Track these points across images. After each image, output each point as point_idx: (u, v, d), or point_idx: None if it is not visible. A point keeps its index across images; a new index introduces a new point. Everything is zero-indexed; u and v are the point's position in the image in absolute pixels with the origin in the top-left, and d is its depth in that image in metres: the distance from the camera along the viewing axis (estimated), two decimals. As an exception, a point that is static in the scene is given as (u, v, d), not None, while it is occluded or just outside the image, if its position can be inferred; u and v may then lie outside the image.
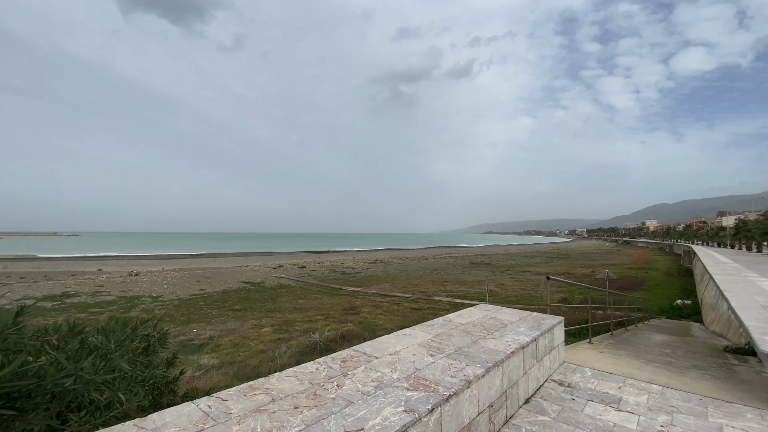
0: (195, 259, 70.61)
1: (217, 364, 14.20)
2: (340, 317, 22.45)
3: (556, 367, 4.21)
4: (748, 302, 5.97)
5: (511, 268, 55.87)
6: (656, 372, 4.51)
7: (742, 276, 11.16)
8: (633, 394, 3.60)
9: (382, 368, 2.70)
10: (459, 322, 4.16)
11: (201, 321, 21.41)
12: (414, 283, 38.49)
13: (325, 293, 31.42)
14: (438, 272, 48.87)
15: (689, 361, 5.78)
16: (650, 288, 31.18)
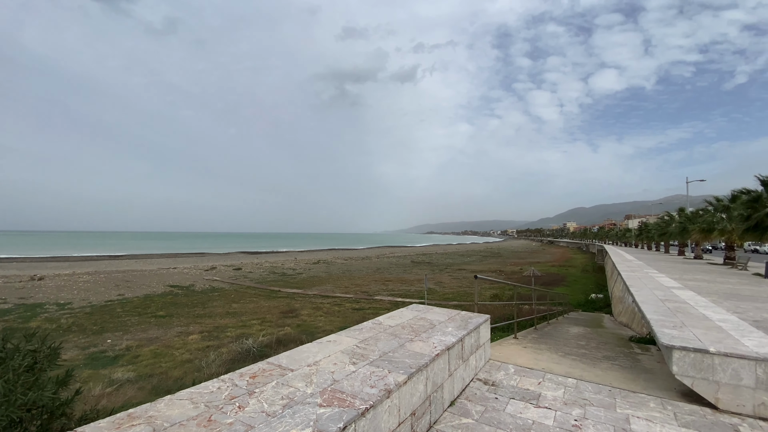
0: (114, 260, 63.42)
1: (134, 377, 12.74)
2: (278, 321, 21.50)
3: (482, 366, 4.25)
4: (649, 296, 6.67)
5: (449, 266, 58.08)
6: (572, 365, 4.77)
7: (644, 272, 12.63)
8: (551, 389, 3.73)
9: (296, 382, 2.43)
10: (388, 324, 4.02)
11: (117, 330, 19.15)
12: (357, 283, 38.30)
13: (262, 296, 29.95)
14: (381, 272, 49.21)
15: (600, 352, 6.28)
16: (570, 283, 34.35)
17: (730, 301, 9.34)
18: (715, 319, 4.71)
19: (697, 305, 5.86)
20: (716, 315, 4.93)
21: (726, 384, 3.25)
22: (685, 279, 14.22)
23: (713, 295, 10.18)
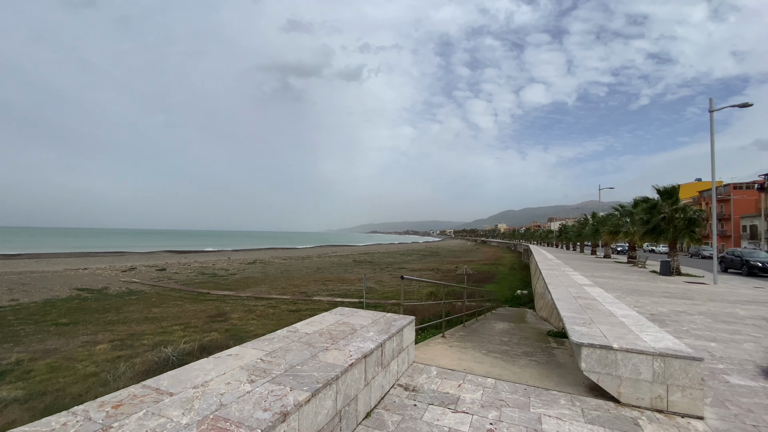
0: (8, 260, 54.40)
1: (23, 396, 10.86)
2: (204, 326, 19.88)
3: (404, 370, 4.11)
4: (564, 294, 7.13)
5: (390, 265, 58.78)
6: (493, 363, 4.84)
7: (561, 270, 13.72)
8: (470, 391, 3.68)
9: (171, 411, 2.01)
10: (305, 331, 3.69)
11: (7, 341, 16.32)
12: (295, 283, 37.03)
13: (188, 299, 27.62)
14: (321, 271, 48.23)
15: (521, 347, 6.54)
16: (499, 281, 36.54)
17: (632, 296, 10.46)
18: (618, 315, 5.07)
19: (604, 301, 6.33)
20: (619, 311, 5.33)
21: (627, 378, 3.44)
22: (595, 276, 15.74)
23: (618, 291, 11.34)
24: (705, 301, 10.03)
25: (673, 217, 18.27)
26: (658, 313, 8.07)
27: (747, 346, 5.57)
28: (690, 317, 7.72)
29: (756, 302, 10.22)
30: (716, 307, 9.17)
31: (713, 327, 6.86)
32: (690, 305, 9.28)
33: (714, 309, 8.84)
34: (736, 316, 8.04)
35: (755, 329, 6.86)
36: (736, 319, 7.73)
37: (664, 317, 7.61)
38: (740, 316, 8.14)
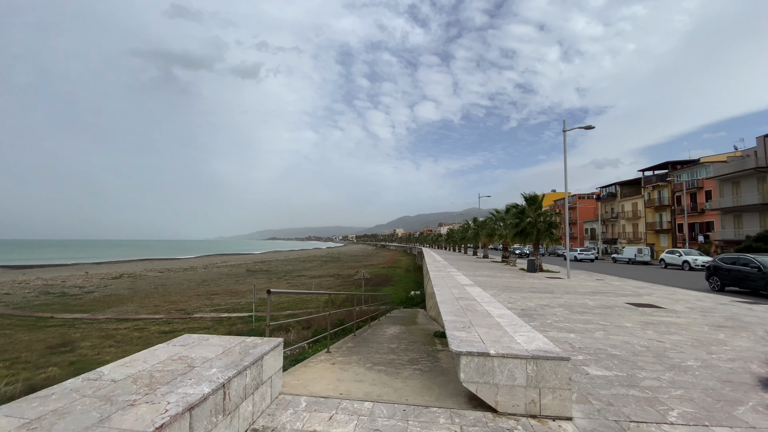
0: None
1: None
2: (40, 360, 15.59)
3: (264, 408, 3.32)
4: (447, 295, 7.21)
5: (289, 273, 56.01)
6: (375, 380, 4.38)
7: (447, 272, 14.45)
8: (342, 423, 3.10)
9: None
10: (112, 377, 2.63)
11: None
12: (172, 299, 32.19)
13: (22, 327, 21.66)
14: (207, 284, 43.16)
15: (408, 354, 6.30)
16: (395, 283, 37.72)
17: (506, 293, 11.40)
18: (495, 315, 5.13)
19: (483, 301, 6.50)
20: (496, 311, 5.42)
21: (504, 386, 3.28)
22: (476, 275, 17.06)
23: (494, 288, 12.32)
24: (562, 294, 11.48)
25: (536, 221, 21.09)
26: (528, 308, 8.80)
27: (598, 335, 6.25)
28: (552, 310, 8.57)
29: (599, 293, 12.12)
30: (571, 299, 10.52)
31: (571, 318, 7.67)
32: (551, 299, 10.46)
33: (570, 301, 10.10)
34: (587, 306, 9.26)
35: (601, 317, 7.89)
36: (586, 309, 8.87)
37: (532, 312, 8.29)
38: (589, 306, 9.40)
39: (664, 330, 6.72)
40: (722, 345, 5.73)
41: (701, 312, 8.76)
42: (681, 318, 7.97)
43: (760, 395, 3.71)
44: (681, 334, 6.45)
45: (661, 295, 11.73)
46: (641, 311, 8.73)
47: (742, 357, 5.08)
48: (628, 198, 52.75)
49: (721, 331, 6.72)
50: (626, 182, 54.90)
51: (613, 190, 56.94)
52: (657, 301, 10.51)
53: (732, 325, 7.27)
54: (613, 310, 8.84)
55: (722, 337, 6.28)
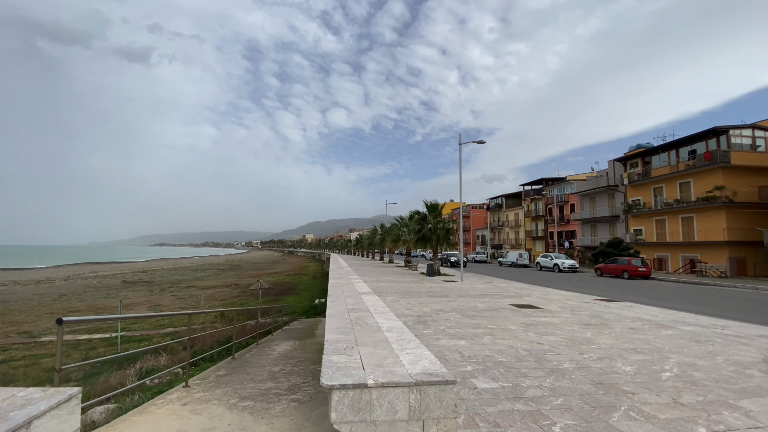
0: None
1: None
2: None
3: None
4: (340, 307, 6.56)
5: (175, 284, 49.46)
6: (232, 426, 3.44)
7: (348, 279, 13.89)
8: None
9: None
10: None
11: None
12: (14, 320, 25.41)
13: None
14: (67, 299, 35.39)
15: (290, 379, 5.44)
16: (300, 291, 35.94)
17: (405, 298, 11.27)
18: (385, 328, 4.62)
19: (376, 311, 6.01)
20: (387, 322, 4.94)
21: (383, 422, 2.71)
22: (378, 281, 16.89)
23: (394, 294, 12.15)
24: (456, 297, 11.81)
25: (436, 228, 22.01)
26: (423, 314, 8.67)
27: (486, 340, 6.23)
28: (446, 315, 8.57)
29: (488, 295, 12.82)
30: (463, 302, 10.82)
31: (462, 323, 7.68)
32: (446, 302, 10.62)
33: (462, 305, 10.34)
34: (477, 309, 9.54)
35: (489, 320, 8.09)
36: (476, 312, 9.11)
37: (427, 318, 8.14)
38: (479, 309, 9.71)
39: (543, 331, 7.09)
40: (590, 344, 6.17)
41: (571, 311, 9.71)
42: (555, 317, 8.65)
43: (630, 398, 3.83)
44: (557, 334, 6.86)
45: (538, 296, 12.92)
46: (523, 312, 9.30)
47: (608, 355, 5.46)
48: (511, 209, 59.68)
49: (588, 329, 7.37)
50: (510, 195, 62.13)
51: (500, 202, 63.95)
52: (535, 301, 11.47)
53: (596, 323, 8.10)
54: (499, 312, 9.25)
55: (589, 335, 6.84)
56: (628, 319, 8.66)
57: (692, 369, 4.86)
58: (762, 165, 26.82)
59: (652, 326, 7.82)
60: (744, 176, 26.84)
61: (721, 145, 27.55)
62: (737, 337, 6.83)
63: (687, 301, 13.55)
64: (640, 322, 8.22)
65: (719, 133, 27.64)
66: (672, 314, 9.53)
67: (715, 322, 8.47)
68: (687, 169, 29.25)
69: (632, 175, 35.11)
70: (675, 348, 6.00)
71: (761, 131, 28.13)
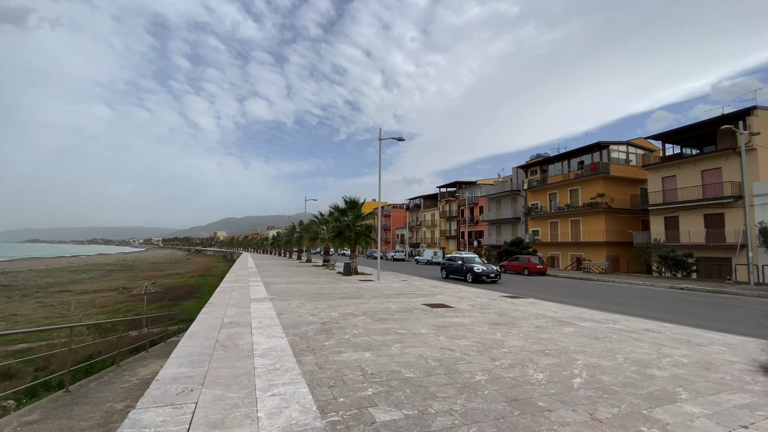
0: None
1: None
2: None
3: None
4: (212, 321, 5.24)
5: (44, 288, 41.06)
6: None
7: (247, 281, 12.22)
8: None
9: None
10: None
11: None
12: None
13: None
14: None
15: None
16: (203, 295, 32.16)
17: (314, 302, 10.11)
18: (260, 351, 3.51)
19: (259, 325, 4.84)
20: (266, 342, 3.82)
21: None
22: (289, 282, 15.42)
23: (303, 297, 10.92)
24: (369, 299, 11.04)
25: (355, 225, 21.18)
26: (330, 319, 7.67)
27: (395, 350, 5.47)
28: (355, 320, 7.68)
29: (402, 294, 12.33)
30: (376, 303, 10.08)
31: (371, 329, 6.86)
32: (358, 305, 9.76)
33: (374, 306, 9.58)
34: (389, 312, 8.85)
35: (401, 324, 7.42)
36: (388, 315, 8.40)
37: (333, 324, 7.16)
38: (392, 310, 9.04)
39: (454, 334, 6.61)
40: (501, 347, 5.80)
41: (480, 309, 9.59)
42: (466, 317, 8.36)
43: (547, 419, 3.30)
44: (468, 337, 6.42)
45: (451, 294, 12.85)
46: (435, 313, 8.87)
47: (520, 361, 5.08)
48: (428, 209, 62.04)
49: (497, 330, 7.12)
50: (428, 196, 64.57)
51: (418, 202, 66.11)
52: (447, 300, 11.27)
53: (504, 322, 7.96)
54: (411, 313, 8.68)
55: (499, 336, 6.54)
56: (532, 316, 8.75)
57: (599, 372, 4.67)
58: (633, 177, 31.47)
59: (555, 323, 7.93)
60: (620, 186, 31.21)
61: (603, 158, 31.66)
62: (628, 332, 7.16)
63: (578, 296, 14.76)
64: (543, 320, 8.32)
65: (602, 147, 31.74)
66: (569, 310, 10.00)
67: (606, 317, 9.00)
68: (576, 178, 33.07)
69: (532, 181, 38.69)
70: (579, 347, 5.93)
71: (633, 148, 33.06)
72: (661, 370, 4.79)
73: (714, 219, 23.40)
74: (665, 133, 27.12)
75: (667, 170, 26.50)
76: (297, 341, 5.84)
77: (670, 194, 25.93)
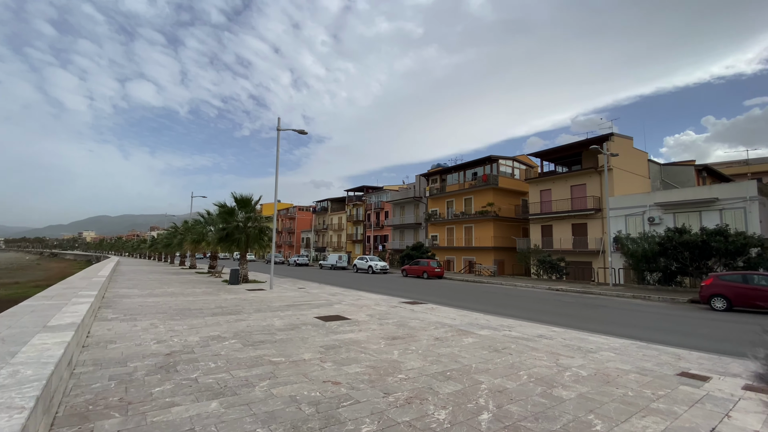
0: None
1: None
2: None
3: None
4: None
5: None
6: None
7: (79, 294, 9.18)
8: None
9: None
10: None
11: None
12: None
13: None
14: None
15: None
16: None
17: (171, 321, 7.87)
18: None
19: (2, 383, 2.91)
20: None
21: None
22: (152, 295, 12.47)
23: (160, 315, 8.52)
24: (251, 313, 9.23)
25: (246, 225, 18.70)
26: (183, 348, 5.79)
27: (258, 392, 4.02)
28: (218, 346, 5.95)
29: (294, 305, 10.75)
30: (257, 320, 8.37)
31: (236, 359, 5.25)
32: (232, 323, 7.93)
33: (254, 324, 7.88)
34: (271, 330, 7.26)
35: (280, 347, 5.95)
36: (268, 335, 6.83)
37: (183, 356, 5.34)
38: (275, 328, 7.47)
39: (344, 357, 5.43)
40: (398, 371, 4.81)
41: (379, 320, 8.65)
42: (362, 332, 7.28)
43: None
44: (360, 360, 5.30)
45: (350, 302, 11.75)
46: (327, 328, 7.60)
47: (418, 393, 4.11)
48: (336, 212, 60.79)
49: (395, 346, 6.17)
50: (335, 199, 63.31)
51: (326, 205, 64.35)
52: (345, 310, 10.12)
53: (403, 335, 7.09)
54: (299, 330, 7.26)
55: (396, 356, 5.57)
56: (432, 325, 8.12)
57: (506, 399, 3.95)
58: (517, 189, 34.99)
59: (454, 333, 7.37)
60: (506, 196, 34.38)
61: (493, 171, 34.56)
62: (525, 341, 6.91)
63: (473, 299, 15.06)
64: (443, 329, 7.73)
65: (492, 161, 34.64)
66: (467, 316, 9.73)
67: (501, 323, 8.87)
68: (470, 188, 35.48)
69: (433, 189, 40.48)
70: (481, 363, 5.29)
71: (518, 163, 36.87)
72: (566, 389, 4.31)
73: (580, 228, 27.09)
74: (543, 152, 30.74)
75: (544, 184, 29.96)
76: (110, 389, 3.97)
77: (546, 205, 29.33)
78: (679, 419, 3.51)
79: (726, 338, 8.36)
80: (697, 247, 17.12)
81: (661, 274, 19.15)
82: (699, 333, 8.88)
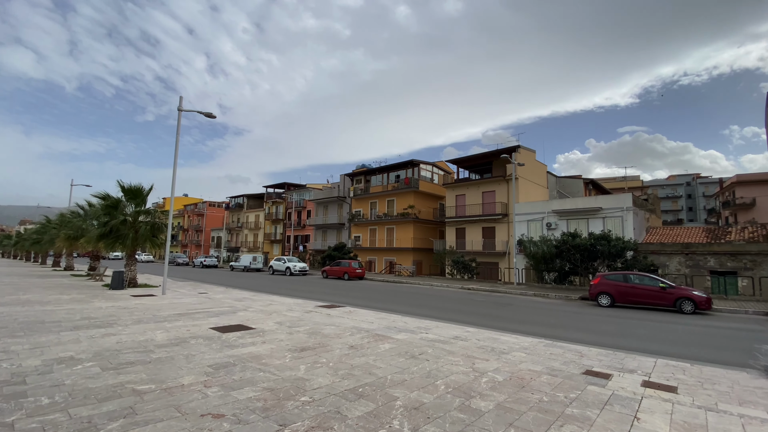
0: None
1: None
2: None
3: None
4: None
5: None
6: None
7: None
8: None
9: None
10: None
11: None
12: None
13: None
14: None
15: None
16: None
17: (15, 337, 6.04)
18: None
19: None
20: None
21: None
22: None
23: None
24: (128, 325, 7.58)
25: (136, 220, 16.01)
26: (11, 376, 4.27)
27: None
28: (65, 372, 4.55)
29: (187, 314, 9.23)
30: (134, 334, 6.85)
31: (84, 390, 4.00)
32: (98, 339, 6.34)
33: (127, 339, 6.39)
34: (146, 347, 5.91)
35: (152, 371, 4.76)
36: (139, 355, 5.50)
37: (7, 388, 3.91)
38: (154, 344, 6.11)
39: (236, 379, 4.51)
40: (302, 392, 4.08)
41: (288, 328, 7.75)
42: (266, 343, 6.35)
43: None
44: (255, 382, 4.42)
45: (259, 308, 10.57)
46: (223, 341, 6.50)
47: (322, 420, 3.44)
48: (252, 210, 56.84)
49: (303, 359, 5.41)
50: (253, 195, 59.22)
51: (241, 202, 59.79)
52: (251, 317, 8.97)
53: (314, 345, 6.34)
54: (185, 346, 6.04)
55: (303, 372, 4.82)
56: (347, 331, 7.52)
57: (423, 419, 3.50)
58: (436, 193, 36.38)
59: (371, 339, 6.86)
60: (426, 200, 35.52)
61: (414, 174, 35.46)
62: (441, 344, 6.69)
63: (391, 300, 14.86)
64: (359, 335, 7.17)
65: (414, 165, 35.54)
66: (385, 318, 9.34)
67: (419, 324, 8.64)
68: (393, 190, 35.94)
69: (357, 189, 40.13)
70: (397, 374, 4.82)
71: (437, 168, 38.40)
72: (484, 399, 4.04)
73: (489, 231, 29.07)
74: (459, 159, 32.45)
75: (459, 189, 31.60)
76: None
77: (461, 209, 30.96)
78: (594, 426, 3.42)
79: (617, 333, 9.23)
80: (587, 250, 19.40)
81: (557, 274, 21.32)
82: (593, 329, 9.72)
